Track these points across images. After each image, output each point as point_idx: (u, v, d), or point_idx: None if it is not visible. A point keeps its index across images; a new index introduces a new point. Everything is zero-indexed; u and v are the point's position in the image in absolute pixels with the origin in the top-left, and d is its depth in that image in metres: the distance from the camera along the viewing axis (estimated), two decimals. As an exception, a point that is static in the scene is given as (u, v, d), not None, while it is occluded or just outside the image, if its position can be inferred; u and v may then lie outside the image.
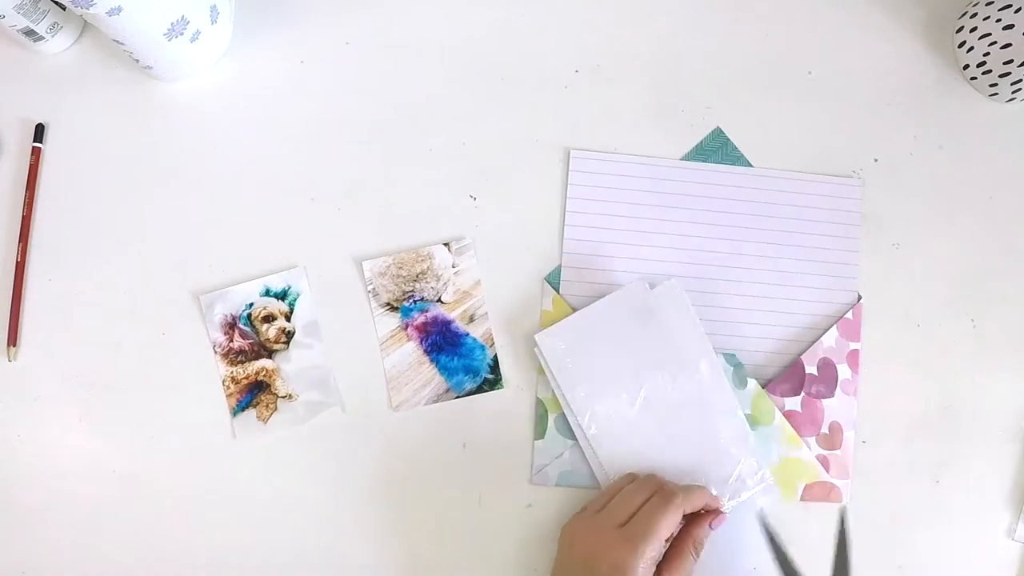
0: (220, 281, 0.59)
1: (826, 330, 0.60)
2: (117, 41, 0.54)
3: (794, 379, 0.59)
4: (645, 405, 0.57)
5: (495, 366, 0.59)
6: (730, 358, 0.59)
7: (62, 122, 0.60)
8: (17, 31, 0.56)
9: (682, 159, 0.62)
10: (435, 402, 0.58)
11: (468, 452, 0.58)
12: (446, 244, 0.60)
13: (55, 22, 0.58)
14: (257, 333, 0.58)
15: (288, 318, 0.59)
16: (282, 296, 0.59)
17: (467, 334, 0.59)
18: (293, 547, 0.57)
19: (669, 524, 0.50)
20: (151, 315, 0.58)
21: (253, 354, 0.58)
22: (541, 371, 0.58)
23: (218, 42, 0.60)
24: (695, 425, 0.57)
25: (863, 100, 0.63)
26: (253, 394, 0.58)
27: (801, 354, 0.60)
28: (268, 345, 0.58)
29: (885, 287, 0.62)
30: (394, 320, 0.59)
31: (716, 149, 0.62)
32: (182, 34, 0.55)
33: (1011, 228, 0.63)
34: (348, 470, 0.58)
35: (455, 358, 0.59)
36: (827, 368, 0.59)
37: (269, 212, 0.60)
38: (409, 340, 0.59)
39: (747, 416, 0.58)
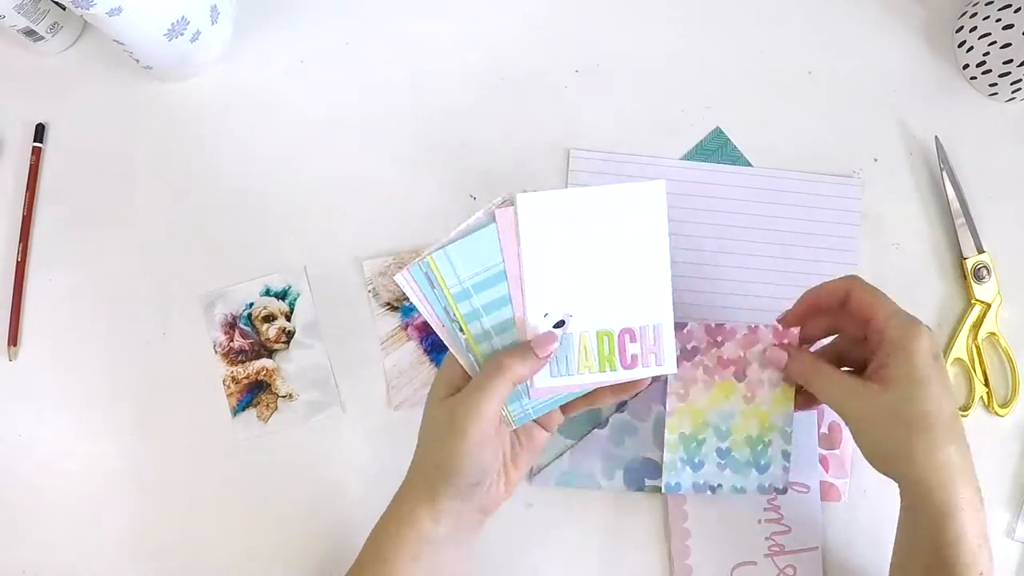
0: (220, 281, 0.59)
1: (826, 330, 0.60)
2: (117, 41, 0.54)
3: (794, 379, 0.59)
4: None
5: (495, 366, 0.59)
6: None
7: (62, 122, 0.60)
8: (17, 31, 0.56)
9: (682, 159, 0.62)
10: (435, 402, 0.58)
11: (468, 452, 0.58)
12: (446, 244, 0.60)
13: (55, 22, 0.58)
14: (257, 333, 0.58)
15: (288, 318, 0.59)
16: (282, 296, 0.59)
17: (467, 334, 0.59)
18: (293, 547, 0.57)
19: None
20: (151, 315, 0.58)
21: (253, 354, 0.58)
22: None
23: (218, 42, 0.60)
24: None
25: (863, 100, 0.63)
26: (253, 394, 0.58)
27: (801, 354, 0.59)
28: (268, 345, 0.58)
29: (885, 287, 0.62)
30: (394, 320, 0.59)
31: (716, 149, 0.62)
32: (182, 34, 0.55)
33: (1012, 228, 0.63)
34: (348, 470, 0.58)
35: (455, 358, 0.59)
36: (827, 368, 0.59)
37: (269, 212, 0.60)
38: (409, 340, 0.59)
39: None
